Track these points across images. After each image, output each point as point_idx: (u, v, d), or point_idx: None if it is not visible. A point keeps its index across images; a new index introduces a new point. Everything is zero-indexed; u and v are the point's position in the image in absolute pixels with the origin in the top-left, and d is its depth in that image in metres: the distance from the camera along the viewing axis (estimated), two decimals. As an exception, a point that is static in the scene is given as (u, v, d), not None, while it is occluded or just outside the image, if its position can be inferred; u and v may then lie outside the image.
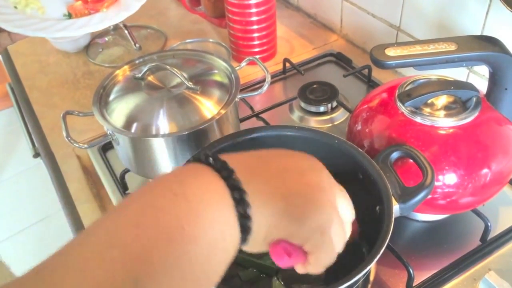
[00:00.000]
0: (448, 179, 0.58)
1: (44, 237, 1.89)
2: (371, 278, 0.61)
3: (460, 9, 0.78)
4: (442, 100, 0.61)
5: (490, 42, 0.58)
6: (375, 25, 0.99)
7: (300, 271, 0.40)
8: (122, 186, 0.77)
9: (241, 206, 0.34)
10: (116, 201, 0.76)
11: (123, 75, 0.75)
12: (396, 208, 0.51)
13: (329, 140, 0.58)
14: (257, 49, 1.01)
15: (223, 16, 1.03)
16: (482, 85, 0.64)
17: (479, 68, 0.80)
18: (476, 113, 0.60)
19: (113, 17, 0.90)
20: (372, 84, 0.94)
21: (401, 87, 0.64)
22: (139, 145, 0.68)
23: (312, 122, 0.87)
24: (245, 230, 0.34)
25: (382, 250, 0.46)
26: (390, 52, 0.57)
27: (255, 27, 0.97)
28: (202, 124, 0.65)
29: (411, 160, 0.56)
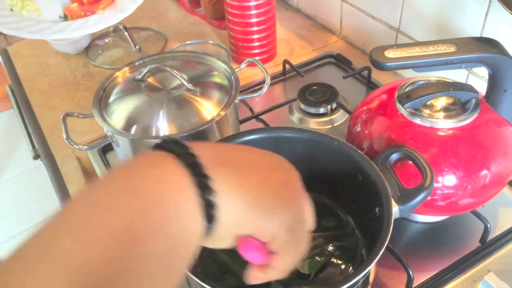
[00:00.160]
0: (448, 181, 0.58)
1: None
2: (371, 280, 0.61)
3: (460, 11, 0.78)
4: (442, 102, 0.61)
5: (489, 44, 0.58)
6: (375, 27, 0.99)
7: (259, 278, 0.37)
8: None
9: (205, 193, 0.31)
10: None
11: (123, 77, 0.75)
12: (396, 210, 0.51)
13: (329, 142, 0.59)
14: (257, 51, 1.01)
15: (223, 18, 1.03)
16: (482, 87, 0.65)
17: (479, 70, 0.80)
18: (476, 115, 0.60)
19: (109, 19, 0.90)
20: (372, 86, 0.94)
21: (401, 89, 0.64)
22: (139, 147, 0.68)
23: (312, 124, 0.87)
24: (210, 220, 0.31)
25: (382, 252, 0.46)
26: (390, 54, 0.57)
27: (255, 29, 0.97)
28: (202, 126, 0.66)
29: (411, 162, 0.56)
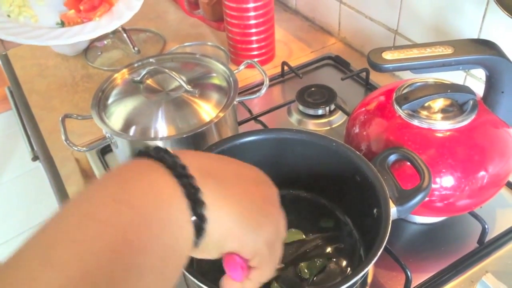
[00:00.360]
0: (445, 182, 0.58)
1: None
2: (369, 281, 0.61)
3: (457, 13, 0.78)
4: (439, 103, 0.61)
5: (487, 46, 0.58)
6: (373, 29, 1.00)
7: (237, 286, 0.38)
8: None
9: (196, 206, 0.31)
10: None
11: (122, 79, 0.75)
12: (394, 211, 0.51)
13: (327, 143, 0.59)
14: (256, 52, 1.01)
15: (222, 20, 1.03)
16: (479, 88, 0.65)
17: (476, 71, 0.80)
18: (473, 116, 0.60)
19: (106, 26, 0.90)
20: (370, 87, 0.94)
21: (399, 90, 0.64)
22: (138, 148, 0.68)
23: (310, 125, 0.87)
24: (199, 232, 0.32)
25: (380, 252, 0.46)
26: (388, 56, 0.57)
27: (254, 31, 0.97)
28: (201, 127, 0.66)
29: (409, 163, 0.56)
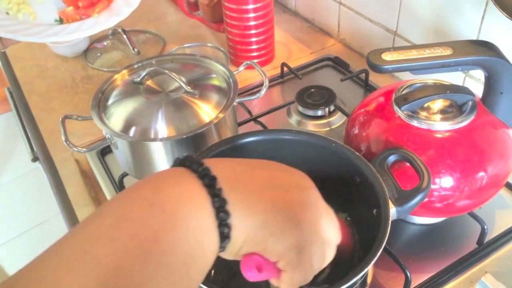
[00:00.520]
0: (445, 182, 0.58)
1: (43, 242, 1.87)
2: (368, 281, 0.61)
3: (456, 14, 0.78)
4: (438, 104, 0.62)
5: (486, 47, 0.58)
6: (372, 30, 1.00)
7: (274, 284, 0.39)
8: (121, 190, 0.76)
9: (221, 215, 0.33)
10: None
11: (122, 80, 0.75)
12: (393, 211, 0.51)
13: (327, 144, 0.59)
14: (255, 54, 1.01)
15: (221, 21, 1.04)
16: (478, 89, 0.65)
17: (475, 72, 0.80)
18: (472, 117, 0.60)
19: (104, 22, 0.90)
20: (369, 88, 0.94)
21: (398, 91, 0.64)
22: (138, 149, 0.69)
23: (310, 126, 0.87)
24: (224, 239, 0.34)
25: (379, 253, 0.46)
26: (387, 57, 0.57)
27: (253, 32, 0.97)
28: (201, 128, 0.66)
29: (408, 164, 0.56)
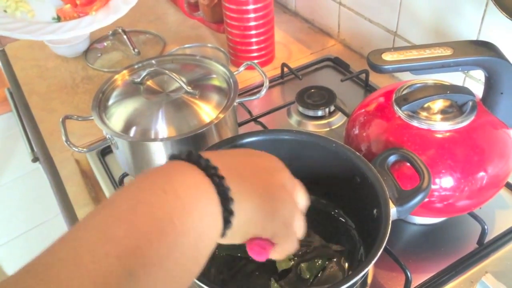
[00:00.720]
0: (445, 183, 0.58)
1: (43, 242, 1.87)
2: (369, 281, 0.61)
3: (456, 15, 0.78)
4: (439, 104, 0.62)
5: (486, 47, 0.58)
6: (372, 30, 1.00)
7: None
8: (121, 190, 0.77)
9: (226, 202, 0.37)
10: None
11: (122, 80, 0.75)
12: (393, 211, 0.51)
13: (327, 144, 0.59)
14: (255, 54, 1.01)
15: (222, 21, 1.04)
16: (478, 89, 0.65)
17: (475, 73, 0.80)
18: (472, 117, 0.60)
19: (102, 20, 0.90)
20: (369, 89, 0.94)
21: (398, 91, 0.64)
22: (138, 149, 0.69)
23: (310, 126, 0.87)
24: (226, 223, 0.37)
25: (380, 253, 0.46)
26: (387, 57, 0.58)
27: (253, 32, 0.97)
28: (201, 128, 0.66)
29: (408, 164, 0.56)
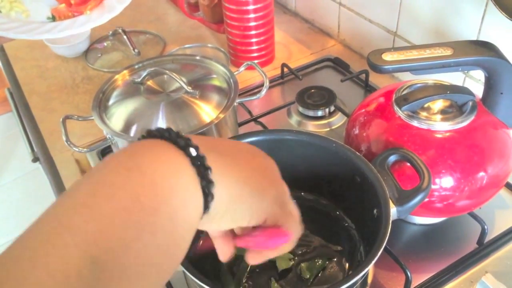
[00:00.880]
0: (445, 182, 0.58)
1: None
2: (369, 281, 0.61)
3: (456, 15, 0.78)
4: (439, 104, 0.62)
5: (486, 47, 0.58)
6: (372, 31, 1.00)
7: (257, 258, 0.42)
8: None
9: (202, 171, 0.33)
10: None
11: (123, 80, 0.76)
12: (394, 211, 0.52)
13: (327, 144, 0.59)
14: (255, 54, 1.01)
15: (222, 22, 1.04)
16: (478, 90, 0.65)
17: (475, 73, 0.81)
18: (472, 117, 0.60)
19: (97, 19, 0.90)
20: (370, 89, 0.95)
21: (398, 92, 0.64)
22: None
23: (310, 127, 0.88)
24: (207, 197, 0.34)
25: (380, 253, 0.46)
26: (387, 57, 0.58)
27: (253, 32, 0.98)
28: (201, 128, 0.66)
29: (408, 164, 0.57)
